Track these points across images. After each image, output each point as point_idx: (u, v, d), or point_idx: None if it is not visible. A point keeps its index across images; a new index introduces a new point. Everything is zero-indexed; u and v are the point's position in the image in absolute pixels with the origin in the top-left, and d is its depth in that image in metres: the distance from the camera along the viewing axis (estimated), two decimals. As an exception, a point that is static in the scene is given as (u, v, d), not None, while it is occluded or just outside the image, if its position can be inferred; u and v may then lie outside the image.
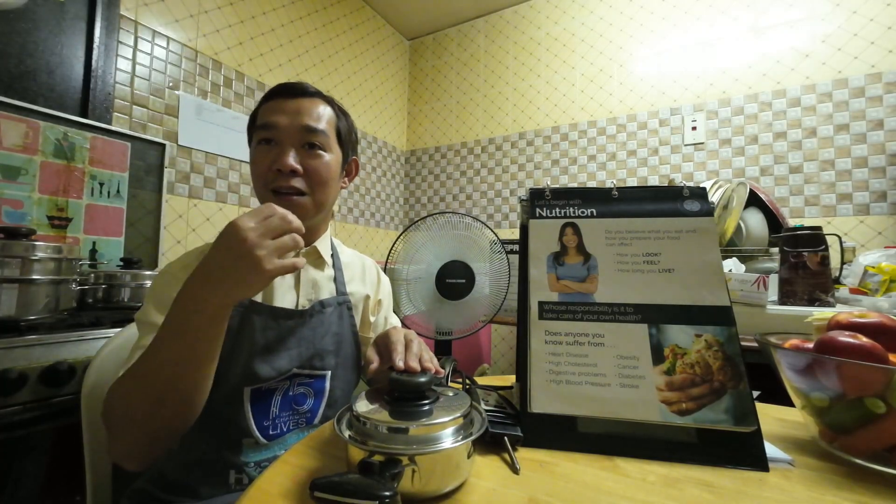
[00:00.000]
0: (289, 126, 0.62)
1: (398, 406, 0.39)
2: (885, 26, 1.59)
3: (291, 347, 0.63)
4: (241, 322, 0.60)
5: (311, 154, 0.63)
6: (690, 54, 1.95)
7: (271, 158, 0.61)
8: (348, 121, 0.71)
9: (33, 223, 1.14)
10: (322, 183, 0.64)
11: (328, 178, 0.64)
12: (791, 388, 0.45)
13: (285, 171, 0.60)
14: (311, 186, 0.63)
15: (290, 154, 0.61)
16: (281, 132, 0.62)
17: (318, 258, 0.70)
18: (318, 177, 0.63)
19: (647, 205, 0.53)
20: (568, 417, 0.46)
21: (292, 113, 0.62)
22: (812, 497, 0.36)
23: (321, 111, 0.65)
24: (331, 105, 0.68)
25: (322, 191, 0.64)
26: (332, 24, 2.28)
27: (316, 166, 0.63)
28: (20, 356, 0.77)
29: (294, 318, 0.64)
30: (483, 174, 2.53)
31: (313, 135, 0.63)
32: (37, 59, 1.23)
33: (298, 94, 0.64)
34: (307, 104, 0.64)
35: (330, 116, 0.66)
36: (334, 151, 0.66)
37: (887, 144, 1.57)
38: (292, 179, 0.61)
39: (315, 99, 0.66)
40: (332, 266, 0.73)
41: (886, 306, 0.92)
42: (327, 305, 0.68)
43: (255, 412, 0.59)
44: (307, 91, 0.65)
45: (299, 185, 0.62)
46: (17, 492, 0.77)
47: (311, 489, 0.29)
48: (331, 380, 0.66)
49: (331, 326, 0.67)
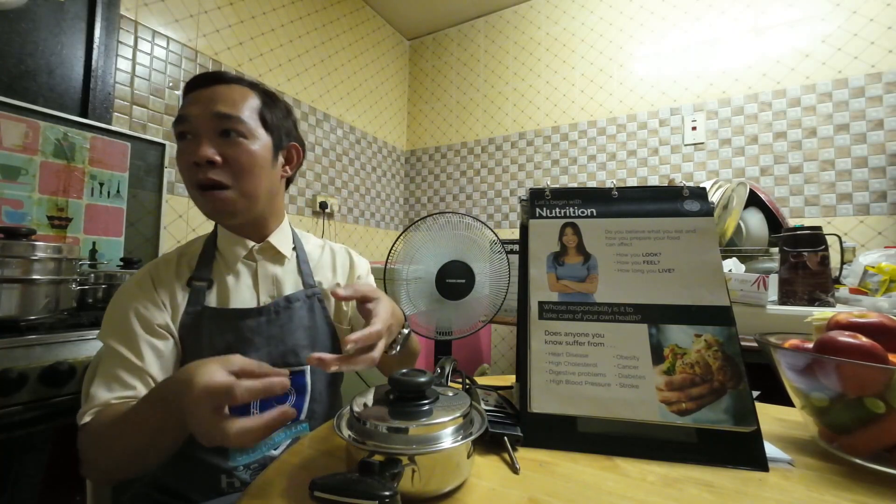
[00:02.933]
0: (200, 115, 0.58)
1: (398, 406, 0.39)
2: (885, 26, 1.59)
3: (259, 347, 0.61)
4: (195, 328, 0.59)
5: (229, 142, 0.59)
6: (690, 54, 1.95)
7: (189, 152, 0.58)
8: (278, 104, 0.67)
9: (33, 223, 1.14)
10: (245, 171, 0.59)
11: (251, 165, 0.60)
12: (791, 388, 0.45)
13: (201, 163, 0.57)
14: (233, 177, 0.59)
15: (204, 144, 0.57)
16: (193, 123, 0.58)
17: (276, 253, 0.68)
18: (239, 165, 0.59)
19: (647, 205, 0.53)
20: (568, 417, 0.46)
21: (204, 101, 0.59)
22: (812, 497, 0.36)
23: (238, 97, 0.60)
24: (253, 89, 0.63)
25: (248, 180, 0.60)
26: (332, 24, 2.28)
27: (235, 154, 0.59)
28: (20, 356, 0.77)
29: (253, 317, 0.62)
30: (483, 174, 2.53)
31: (227, 121, 0.58)
32: (37, 59, 1.23)
33: (213, 81, 0.61)
34: (222, 91, 0.60)
35: (249, 100, 0.61)
36: (257, 138, 0.61)
37: (887, 144, 1.57)
38: (210, 171, 0.57)
39: (232, 85, 0.61)
40: (297, 258, 0.71)
41: (886, 306, 0.92)
42: (294, 300, 0.66)
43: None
44: (223, 78, 0.61)
45: (220, 178, 0.58)
46: (17, 492, 0.77)
47: (310, 489, 0.29)
48: (311, 374, 0.64)
49: (301, 321, 0.65)
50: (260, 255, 0.67)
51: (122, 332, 0.56)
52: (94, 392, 0.53)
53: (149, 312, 0.58)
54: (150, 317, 0.57)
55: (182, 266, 0.64)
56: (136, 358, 0.55)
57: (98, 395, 0.53)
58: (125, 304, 0.58)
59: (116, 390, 0.53)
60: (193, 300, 0.60)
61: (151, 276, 0.61)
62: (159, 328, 0.58)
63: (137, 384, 0.54)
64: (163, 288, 0.60)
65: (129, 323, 0.56)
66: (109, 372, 0.55)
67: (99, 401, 0.52)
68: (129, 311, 0.57)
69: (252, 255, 0.66)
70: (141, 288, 0.60)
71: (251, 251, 0.66)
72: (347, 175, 2.36)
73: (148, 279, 0.61)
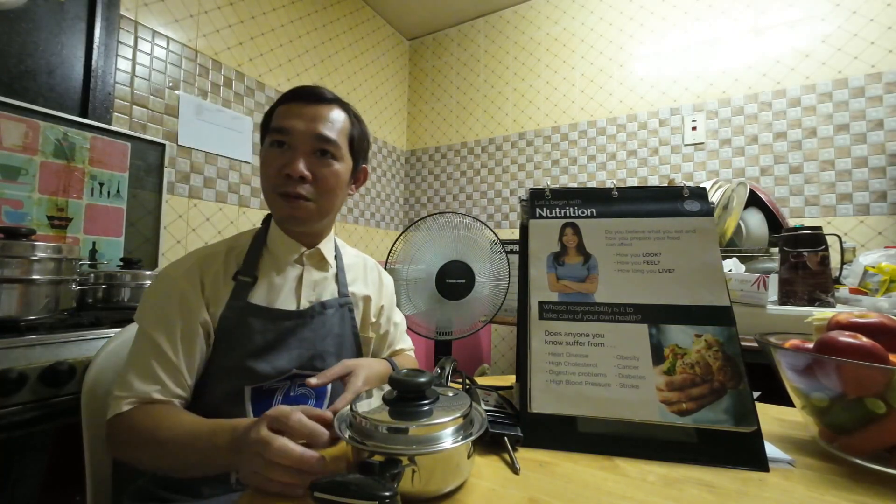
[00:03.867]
0: (303, 132, 0.61)
1: (398, 406, 0.39)
2: (885, 26, 1.59)
3: (292, 348, 0.63)
4: (237, 323, 0.60)
5: (322, 162, 0.63)
6: (690, 54, 1.95)
7: (282, 162, 0.61)
8: (362, 127, 0.71)
9: (33, 223, 1.14)
10: (329, 191, 0.64)
11: (336, 186, 0.65)
12: (791, 388, 0.45)
13: (294, 177, 0.60)
14: (318, 193, 0.63)
15: (301, 161, 0.61)
16: (294, 137, 0.62)
17: (322, 260, 0.71)
18: (327, 185, 0.63)
19: (647, 205, 0.53)
20: (568, 417, 0.46)
21: (308, 119, 0.62)
22: (812, 497, 0.36)
23: (335, 118, 0.64)
24: (346, 111, 0.67)
25: (329, 198, 0.65)
26: (332, 24, 2.28)
27: (325, 175, 0.63)
28: (20, 356, 0.77)
29: (293, 319, 0.64)
30: (483, 174, 2.53)
31: (326, 143, 0.63)
32: (37, 59, 1.23)
33: (315, 100, 0.64)
34: (323, 111, 0.64)
35: (344, 124, 0.66)
36: (345, 160, 0.66)
37: (887, 144, 1.57)
38: (300, 186, 0.61)
39: (332, 105, 0.65)
40: (336, 266, 0.73)
41: (886, 306, 0.92)
42: (329, 307, 0.68)
43: (257, 412, 0.60)
44: (324, 97, 0.65)
45: (306, 192, 0.62)
46: (17, 492, 0.77)
47: (311, 489, 0.29)
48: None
49: (332, 328, 0.68)
50: (308, 261, 0.69)
51: (163, 321, 0.57)
52: (131, 381, 0.54)
53: (193, 306, 0.58)
54: (193, 310, 0.58)
55: (230, 260, 0.65)
56: (173, 353, 0.56)
57: (135, 386, 0.54)
58: (170, 291, 0.59)
59: (151, 384, 0.54)
60: (237, 294, 0.61)
61: (200, 268, 0.61)
62: (200, 324, 0.58)
63: (170, 383, 0.55)
64: (209, 280, 0.61)
65: (172, 313, 0.57)
66: (146, 362, 0.55)
67: (136, 392, 0.53)
68: (173, 299, 0.58)
69: (301, 259, 0.68)
70: (188, 279, 0.60)
71: (301, 255, 0.68)
72: (347, 175, 2.36)
73: (196, 270, 0.61)
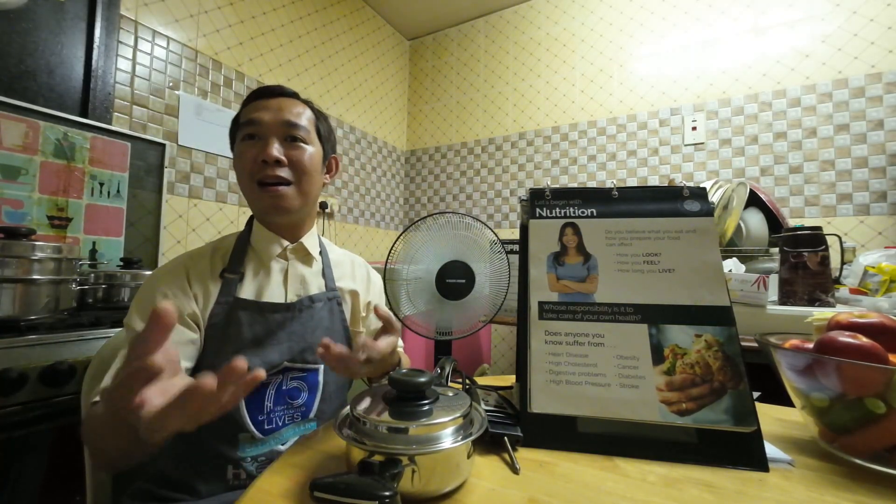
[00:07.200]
0: (271, 121, 0.65)
1: (398, 406, 0.39)
2: (885, 26, 1.59)
3: (282, 341, 0.63)
4: (227, 318, 0.61)
5: (294, 146, 0.66)
6: (690, 54, 1.95)
7: (256, 151, 0.64)
8: (327, 122, 0.75)
9: (33, 223, 1.14)
10: (306, 172, 0.67)
11: (311, 168, 0.68)
12: (791, 388, 0.45)
13: (270, 161, 0.63)
14: (295, 176, 0.66)
15: (274, 145, 0.64)
16: (264, 127, 0.65)
17: (306, 254, 0.72)
18: (302, 166, 0.66)
19: (647, 205, 0.53)
20: (568, 417, 0.46)
21: (274, 109, 0.66)
22: (812, 497, 0.36)
23: (300, 109, 0.69)
24: (309, 106, 0.71)
25: (306, 180, 0.67)
26: (332, 24, 2.28)
27: (298, 156, 0.66)
28: (20, 356, 0.77)
29: (281, 312, 0.65)
30: (483, 174, 2.53)
31: (295, 129, 0.66)
32: (37, 59, 1.23)
33: (278, 94, 0.69)
34: (287, 102, 0.68)
35: (309, 115, 0.70)
36: (315, 145, 0.70)
37: (887, 144, 1.57)
38: (277, 169, 0.64)
39: (294, 99, 0.70)
40: (322, 262, 0.74)
41: (886, 306, 0.92)
42: (317, 300, 0.69)
43: (249, 406, 0.60)
44: (286, 92, 0.70)
45: (285, 175, 0.64)
46: (17, 492, 0.77)
47: (311, 489, 0.29)
48: (324, 374, 0.67)
49: (322, 321, 0.69)
50: (292, 255, 0.70)
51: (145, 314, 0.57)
52: (105, 376, 0.54)
53: (178, 300, 0.59)
54: (178, 304, 0.58)
55: (216, 259, 0.66)
56: None
57: (105, 379, 0.53)
58: (154, 289, 0.59)
59: None
60: (225, 291, 0.62)
61: (185, 267, 0.63)
62: (187, 317, 0.59)
63: None
64: (196, 278, 0.62)
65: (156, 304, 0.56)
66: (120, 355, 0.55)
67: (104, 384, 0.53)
68: (157, 295, 0.58)
69: (285, 253, 0.70)
70: (173, 276, 0.61)
71: (285, 250, 0.70)
72: (347, 175, 2.36)
73: (181, 269, 0.62)
